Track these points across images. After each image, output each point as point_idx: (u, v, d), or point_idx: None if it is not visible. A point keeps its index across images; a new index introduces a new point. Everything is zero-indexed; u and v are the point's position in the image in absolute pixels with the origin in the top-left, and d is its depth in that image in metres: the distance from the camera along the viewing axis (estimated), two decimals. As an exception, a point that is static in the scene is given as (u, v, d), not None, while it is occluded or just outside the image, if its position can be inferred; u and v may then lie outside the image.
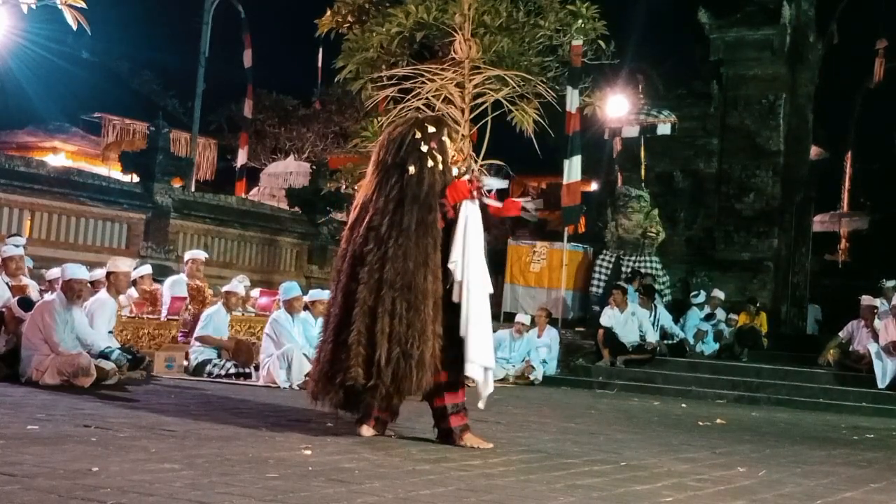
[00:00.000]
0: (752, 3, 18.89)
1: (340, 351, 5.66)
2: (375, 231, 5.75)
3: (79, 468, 4.10)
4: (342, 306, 5.78)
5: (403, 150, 5.93)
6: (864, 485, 5.53)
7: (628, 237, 17.13)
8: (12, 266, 9.92)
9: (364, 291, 5.65)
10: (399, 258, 5.66)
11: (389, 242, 5.69)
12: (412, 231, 5.71)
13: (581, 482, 4.75)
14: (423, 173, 5.87)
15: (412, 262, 5.67)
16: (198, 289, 11.79)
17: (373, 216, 5.81)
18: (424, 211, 5.78)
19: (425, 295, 5.65)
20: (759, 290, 18.04)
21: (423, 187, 5.84)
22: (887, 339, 12.56)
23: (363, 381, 5.57)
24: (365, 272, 5.68)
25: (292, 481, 4.16)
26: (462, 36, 13.19)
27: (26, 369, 8.30)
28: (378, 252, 5.69)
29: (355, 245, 5.82)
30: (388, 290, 5.61)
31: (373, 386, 5.58)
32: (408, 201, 5.78)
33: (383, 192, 5.87)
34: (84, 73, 25.84)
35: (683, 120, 18.33)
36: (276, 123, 29.56)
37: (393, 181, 5.87)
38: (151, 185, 15.26)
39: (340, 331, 5.71)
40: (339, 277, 5.91)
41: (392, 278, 5.63)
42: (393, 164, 5.93)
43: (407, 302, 5.61)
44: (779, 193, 18.72)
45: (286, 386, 9.65)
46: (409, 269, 5.65)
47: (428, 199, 5.82)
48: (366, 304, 5.63)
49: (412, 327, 5.59)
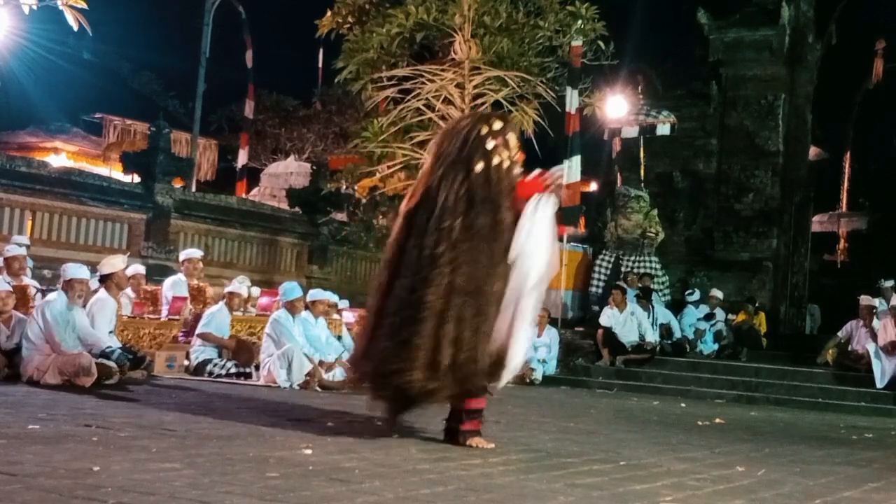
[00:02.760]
0: (752, 3, 18.90)
1: (401, 351, 5.50)
2: (447, 232, 5.60)
3: (80, 467, 4.12)
4: (403, 303, 5.58)
5: (469, 146, 5.80)
6: (862, 484, 5.54)
7: (628, 237, 17.15)
8: (15, 266, 9.96)
9: (433, 294, 5.49)
10: (469, 263, 5.58)
11: (461, 246, 5.58)
12: (483, 234, 5.64)
13: (581, 482, 4.76)
14: (490, 172, 5.77)
15: (482, 267, 5.61)
16: (198, 289, 11.81)
17: (443, 215, 5.65)
18: (494, 213, 5.71)
19: (492, 300, 5.60)
20: (758, 290, 18.05)
21: (492, 188, 5.75)
22: (886, 338, 12.57)
23: (422, 385, 5.49)
24: (435, 274, 5.53)
25: (292, 481, 4.17)
26: (462, 36, 13.21)
27: (27, 369, 8.33)
28: (449, 255, 5.56)
29: (426, 247, 5.62)
30: (458, 296, 5.52)
31: (431, 390, 5.53)
32: (478, 202, 5.68)
33: (451, 188, 5.71)
34: (85, 73, 25.87)
35: (683, 120, 18.35)
36: (276, 124, 29.57)
37: (460, 178, 5.73)
38: (152, 185, 15.27)
39: (399, 329, 5.54)
40: (395, 270, 5.71)
41: (462, 283, 5.54)
42: (458, 158, 5.79)
43: (475, 308, 5.54)
44: (778, 193, 18.74)
45: (286, 386, 9.67)
46: (478, 275, 5.58)
47: (497, 201, 5.74)
48: (434, 308, 5.48)
49: (478, 332, 5.54)
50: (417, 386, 5.49)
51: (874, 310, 13.30)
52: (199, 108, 22.12)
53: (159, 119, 16.43)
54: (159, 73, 31.04)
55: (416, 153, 13.27)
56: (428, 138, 13.12)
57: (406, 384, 5.49)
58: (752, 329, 15.93)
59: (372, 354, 5.72)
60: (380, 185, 16.09)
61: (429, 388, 5.51)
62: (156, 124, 16.06)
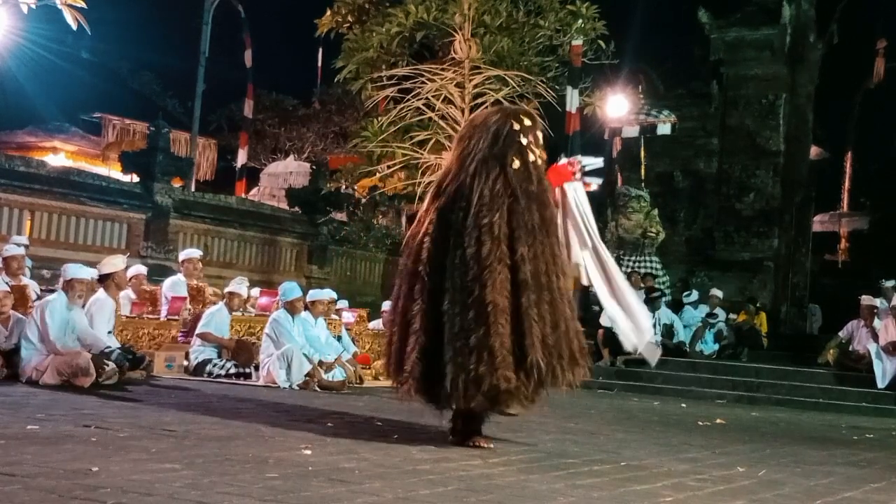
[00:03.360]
0: (752, 3, 18.90)
1: (482, 354, 5.35)
2: (488, 229, 5.51)
3: (79, 468, 4.10)
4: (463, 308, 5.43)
5: (502, 142, 5.74)
6: (863, 484, 5.53)
7: (628, 237, 17.14)
8: (14, 266, 9.94)
9: (494, 293, 5.39)
10: (530, 260, 5.52)
11: (517, 244, 5.51)
12: (537, 230, 5.60)
13: (581, 482, 4.75)
14: (529, 168, 5.73)
15: (543, 263, 5.57)
16: (198, 289, 11.80)
17: (480, 212, 5.56)
18: (543, 208, 5.69)
19: (561, 294, 5.59)
20: (759, 289, 18.05)
21: (534, 183, 5.71)
22: (887, 338, 12.55)
23: (513, 386, 5.40)
24: (488, 273, 5.42)
25: (292, 481, 4.16)
26: (462, 36, 13.20)
27: (26, 369, 8.31)
28: (497, 251, 5.46)
29: (468, 245, 5.51)
30: (529, 293, 5.45)
31: (516, 387, 5.45)
32: (523, 199, 5.62)
33: (486, 184, 5.63)
34: (84, 73, 25.85)
35: (683, 120, 18.35)
36: (276, 123, 29.56)
37: (494, 174, 5.66)
38: (151, 185, 15.25)
39: (468, 332, 5.38)
40: (438, 270, 5.56)
41: (528, 280, 5.48)
42: (491, 154, 5.71)
43: (548, 304, 5.51)
44: (779, 193, 18.74)
45: (286, 386, 9.65)
46: (541, 270, 5.54)
47: (544, 196, 5.73)
48: (500, 306, 5.39)
49: (557, 328, 5.52)
50: (510, 385, 5.40)
51: (875, 310, 13.29)
52: (198, 107, 22.09)
53: (158, 119, 16.41)
54: (158, 73, 31.03)
55: (415, 153, 13.25)
56: (428, 138, 13.13)
57: (496, 386, 5.38)
58: (752, 329, 15.92)
59: (447, 360, 5.45)
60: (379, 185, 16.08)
61: (518, 387, 5.44)
62: (155, 124, 16.04)
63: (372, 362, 12.15)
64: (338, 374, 10.17)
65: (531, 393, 5.58)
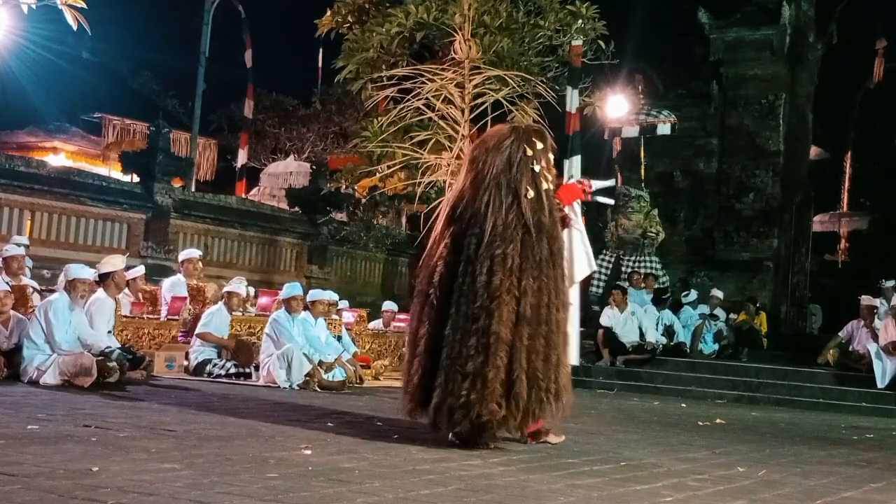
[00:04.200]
0: (752, 3, 18.91)
1: (475, 382, 5.48)
2: (501, 260, 5.60)
3: (79, 468, 4.11)
4: (465, 335, 5.56)
5: (515, 169, 5.79)
6: (863, 484, 5.53)
7: (628, 237, 17.14)
8: (14, 265, 9.94)
9: (498, 325, 5.50)
10: (535, 292, 5.61)
11: (523, 276, 5.61)
12: (544, 263, 5.68)
13: (581, 482, 4.75)
14: (543, 198, 5.80)
15: (546, 296, 5.65)
16: (198, 289, 11.79)
17: (493, 241, 5.64)
18: (552, 241, 5.77)
19: (558, 327, 5.69)
20: (759, 290, 18.06)
21: (546, 214, 5.78)
22: (887, 338, 12.55)
23: (499, 416, 5.54)
24: (496, 304, 5.53)
25: (292, 481, 4.16)
26: (462, 36, 13.18)
27: (27, 369, 8.31)
28: (507, 283, 5.56)
29: (479, 273, 5.59)
30: (525, 326, 5.55)
31: (503, 419, 5.59)
32: (534, 230, 5.69)
33: (500, 213, 5.69)
34: (84, 73, 25.85)
35: (683, 120, 18.35)
36: (276, 123, 29.54)
37: (507, 203, 5.72)
38: (151, 185, 15.25)
39: (467, 360, 5.51)
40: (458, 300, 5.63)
41: (528, 313, 5.57)
42: (504, 182, 5.77)
43: (543, 338, 5.60)
44: (778, 193, 18.74)
45: (286, 386, 9.65)
46: (543, 303, 5.63)
47: (554, 230, 5.81)
48: (502, 339, 5.51)
49: (548, 361, 5.62)
50: (494, 417, 5.54)
51: (875, 310, 13.30)
52: (198, 107, 22.09)
53: (159, 119, 16.41)
54: (159, 73, 31.04)
55: (415, 153, 13.24)
56: (428, 138, 13.11)
57: (482, 415, 5.51)
58: (752, 329, 15.92)
59: (437, 385, 5.62)
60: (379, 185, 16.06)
61: (506, 418, 5.58)
62: (155, 124, 16.04)
63: (372, 362, 12.15)
64: (338, 374, 10.17)
65: (519, 423, 5.72)
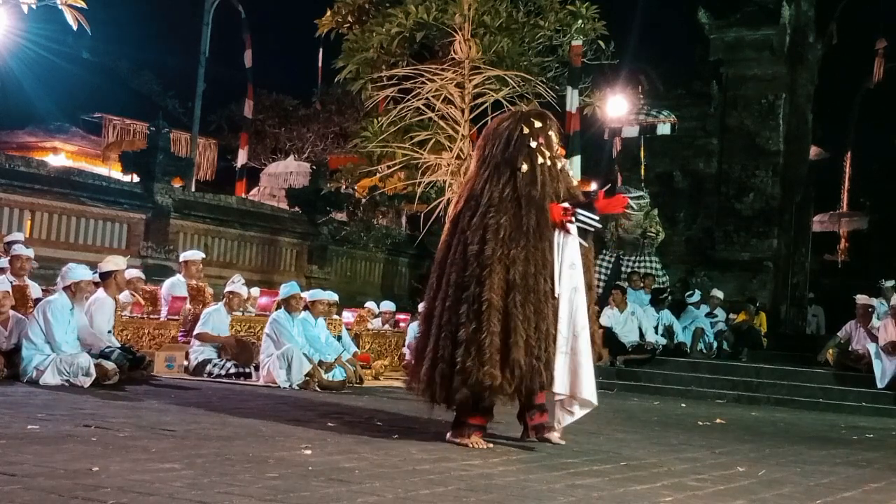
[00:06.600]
0: (752, 3, 18.91)
1: (470, 349, 5.56)
2: (493, 230, 5.70)
3: (79, 468, 4.11)
4: (455, 302, 5.67)
5: (512, 147, 5.92)
6: (863, 484, 5.53)
7: (628, 237, 17.13)
8: (17, 265, 9.93)
9: (490, 291, 5.59)
10: (521, 261, 5.68)
11: (512, 245, 5.69)
12: (531, 233, 5.74)
13: (581, 482, 4.75)
14: (535, 172, 5.87)
15: (532, 266, 5.70)
16: (198, 289, 11.79)
17: (486, 212, 5.76)
18: (540, 213, 5.81)
19: (546, 297, 5.71)
20: (759, 289, 18.05)
21: (537, 188, 5.84)
22: (886, 338, 12.56)
23: (498, 382, 5.55)
24: (487, 272, 5.62)
25: (292, 481, 4.16)
26: (462, 36, 13.18)
27: (27, 369, 8.32)
28: (499, 252, 5.66)
29: (471, 243, 5.73)
30: (514, 294, 5.62)
31: (500, 385, 5.59)
32: (524, 202, 5.78)
33: (495, 188, 5.83)
34: (84, 73, 25.84)
35: (683, 120, 18.35)
36: (276, 123, 29.54)
37: (505, 178, 5.85)
38: (151, 185, 15.24)
39: (459, 327, 5.62)
40: (448, 271, 5.79)
41: (517, 281, 5.64)
42: (503, 160, 5.91)
43: (533, 305, 5.65)
44: (778, 193, 18.74)
45: (286, 386, 9.66)
46: (530, 272, 5.68)
47: (543, 202, 5.85)
48: (494, 305, 5.58)
49: (539, 330, 5.66)
50: (494, 381, 5.54)
51: (870, 309, 13.29)
52: (198, 107, 22.07)
53: (159, 119, 16.39)
54: (158, 73, 31.06)
55: (415, 153, 13.24)
56: (428, 138, 13.12)
57: (481, 381, 5.54)
58: (752, 329, 15.92)
59: (426, 353, 5.74)
60: (379, 185, 16.07)
61: (502, 384, 5.58)
62: (155, 124, 16.03)
63: (372, 362, 12.16)
64: (338, 374, 10.17)
65: (513, 391, 5.72)
